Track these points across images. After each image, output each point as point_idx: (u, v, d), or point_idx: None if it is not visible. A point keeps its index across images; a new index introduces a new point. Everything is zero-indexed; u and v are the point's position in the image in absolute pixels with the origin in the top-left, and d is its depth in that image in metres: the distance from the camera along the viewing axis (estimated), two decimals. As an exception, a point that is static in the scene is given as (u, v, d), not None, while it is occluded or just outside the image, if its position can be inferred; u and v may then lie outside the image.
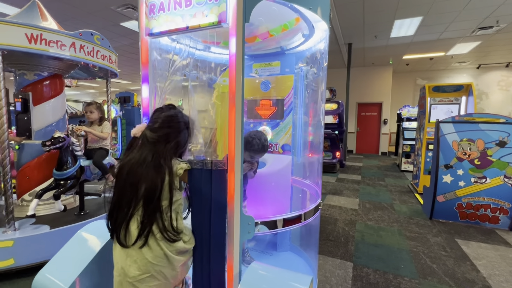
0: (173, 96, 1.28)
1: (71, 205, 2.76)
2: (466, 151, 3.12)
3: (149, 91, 1.21)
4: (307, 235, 1.78)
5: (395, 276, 2.16)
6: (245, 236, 1.05)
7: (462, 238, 2.86)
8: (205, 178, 1.05)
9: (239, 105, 1.00)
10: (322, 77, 1.60)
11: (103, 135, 2.65)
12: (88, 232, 1.31)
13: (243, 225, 1.04)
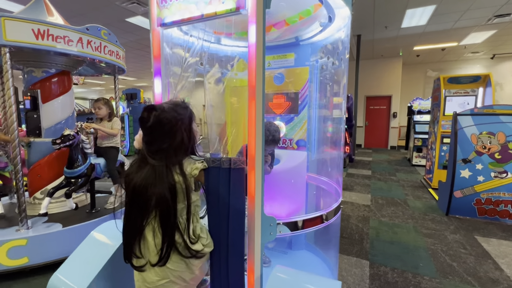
0: (187, 91, 1.21)
1: (83, 202, 2.75)
2: (486, 144, 2.99)
3: (161, 86, 1.14)
4: (325, 234, 1.72)
5: (414, 275, 2.08)
6: (267, 238, 0.99)
7: (482, 235, 2.76)
8: (223, 177, 0.99)
9: (260, 99, 0.93)
10: (343, 68, 1.50)
11: (113, 132, 2.61)
12: (102, 233, 1.27)
13: (264, 226, 0.98)
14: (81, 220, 2.32)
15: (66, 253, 2.16)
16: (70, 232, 2.18)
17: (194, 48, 1.32)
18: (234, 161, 0.98)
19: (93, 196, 2.58)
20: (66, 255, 2.14)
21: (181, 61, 1.15)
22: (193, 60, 1.19)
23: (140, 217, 0.90)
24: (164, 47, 1.19)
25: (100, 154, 2.59)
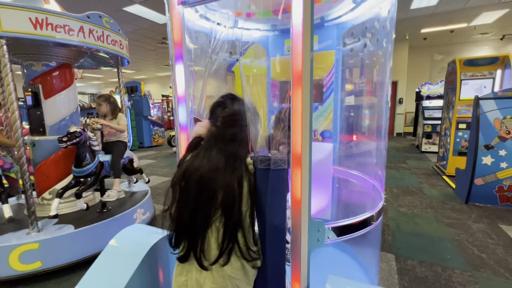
0: (217, 82, 1.08)
1: (92, 202, 2.65)
2: (510, 129, 2.86)
3: (185, 75, 1.00)
4: (367, 236, 1.61)
5: (443, 268, 2.00)
6: (315, 245, 0.88)
7: (506, 224, 2.67)
8: (263, 179, 0.87)
9: (307, 88, 0.80)
10: (385, 50, 1.35)
11: (121, 128, 2.49)
12: (122, 242, 1.16)
13: (311, 232, 0.87)
14: (93, 220, 2.22)
15: (80, 256, 2.09)
16: (83, 233, 2.09)
17: (216, 33, 1.18)
18: (275, 161, 0.85)
19: (103, 195, 2.47)
20: (79, 258, 2.08)
21: (209, 45, 1.01)
22: (220, 43, 1.05)
23: (204, 211, 0.81)
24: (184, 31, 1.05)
25: (108, 151, 2.47)
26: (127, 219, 2.42)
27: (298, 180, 0.84)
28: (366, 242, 1.30)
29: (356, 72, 1.69)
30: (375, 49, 1.39)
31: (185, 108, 1.02)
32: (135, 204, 2.58)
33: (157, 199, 3.69)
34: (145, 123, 8.46)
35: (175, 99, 1.03)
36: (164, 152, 7.65)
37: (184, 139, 1.05)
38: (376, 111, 1.47)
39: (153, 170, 5.42)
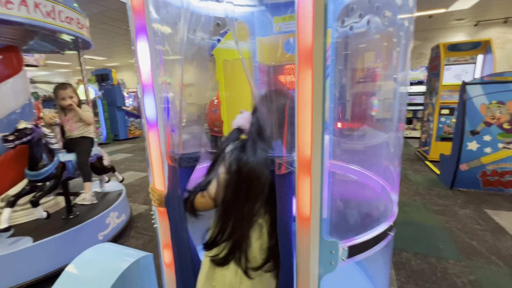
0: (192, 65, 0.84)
1: (54, 208, 2.32)
2: (495, 114, 2.86)
3: (150, 54, 0.75)
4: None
5: (438, 259, 1.95)
6: (327, 270, 0.70)
7: (491, 208, 2.71)
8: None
9: (319, 70, 0.59)
10: (402, 27, 1.16)
11: (89, 118, 2.16)
12: (82, 269, 0.92)
13: (323, 254, 0.69)
14: (57, 230, 1.92)
15: (41, 272, 1.80)
16: (44, 247, 1.80)
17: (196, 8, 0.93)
18: (280, 164, 0.65)
19: (69, 199, 2.16)
20: (41, 275, 1.80)
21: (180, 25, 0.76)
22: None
23: (250, 207, 0.73)
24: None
25: (71, 149, 2.14)
26: (98, 225, 2.15)
27: (307, 192, 0.64)
28: (377, 256, 1.15)
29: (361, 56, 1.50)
30: (383, 27, 1.19)
31: (153, 99, 0.77)
32: (108, 207, 2.29)
33: (134, 197, 3.40)
34: (119, 114, 7.89)
35: (139, 88, 0.78)
36: (142, 145, 7.21)
37: (153, 138, 0.81)
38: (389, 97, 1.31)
39: (129, 165, 5.04)
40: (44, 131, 1.87)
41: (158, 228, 0.90)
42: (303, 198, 0.65)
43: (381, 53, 1.40)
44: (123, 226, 2.47)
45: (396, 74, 1.18)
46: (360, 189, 1.38)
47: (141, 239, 2.38)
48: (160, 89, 0.78)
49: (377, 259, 1.23)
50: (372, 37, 1.28)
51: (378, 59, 1.47)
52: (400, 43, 1.12)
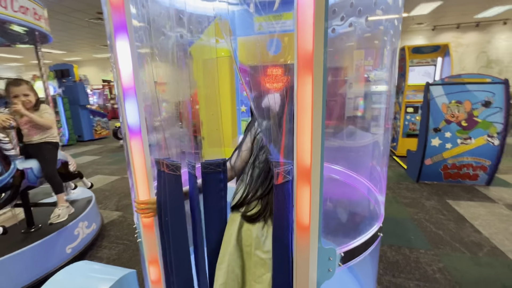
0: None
1: (11, 221, 2.08)
2: (454, 113, 3.12)
3: (131, 54, 0.68)
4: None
5: (410, 250, 2.09)
6: (324, 277, 0.70)
7: (452, 199, 2.96)
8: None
9: (319, 76, 0.57)
10: (388, 30, 1.19)
11: (47, 123, 1.93)
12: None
13: (321, 262, 0.68)
14: (16, 245, 1.72)
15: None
16: (2, 266, 1.59)
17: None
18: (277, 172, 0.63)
19: (29, 211, 1.94)
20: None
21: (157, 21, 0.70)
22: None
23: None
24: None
25: (29, 155, 1.92)
26: (66, 237, 1.96)
27: (307, 201, 0.63)
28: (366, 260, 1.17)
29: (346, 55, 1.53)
30: (365, 30, 1.22)
31: (135, 103, 0.70)
32: (76, 216, 2.10)
33: (105, 203, 3.17)
34: (83, 113, 7.32)
35: (119, 90, 0.70)
36: (110, 146, 6.77)
37: (136, 147, 0.74)
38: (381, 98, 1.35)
39: (97, 169, 4.70)
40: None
41: (142, 243, 0.83)
42: (302, 207, 0.64)
43: (365, 54, 1.44)
44: (94, 236, 2.29)
45: (375, 73, 1.22)
46: (346, 191, 1.41)
47: (115, 249, 2.22)
48: (142, 92, 0.71)
49: (366, 261, 1.27)
50: (355, 39, 1.31)
51: (362, 60, 1.51)
52: (384, 45, 1.16)
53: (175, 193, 0.73)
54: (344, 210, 1.23)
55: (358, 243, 0.78)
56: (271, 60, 1.53)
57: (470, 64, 9.43)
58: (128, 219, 2.74)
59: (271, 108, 0.94)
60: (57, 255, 1.89)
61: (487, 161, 3.14)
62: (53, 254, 1.86)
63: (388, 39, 1.17)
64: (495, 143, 3.05)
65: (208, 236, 0.78)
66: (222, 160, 0.75)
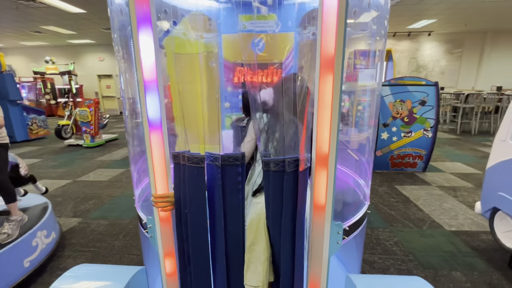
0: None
1: (-51, 235, 1.74)
2: (399, 110, 3.62)
3: (154, 46, 0.67)
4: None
5: (371, 229, 2.39)
6: (334, 249, 0.80)
7: (398, 184, 3.45)
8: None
9: (339, 77, 0.66)
10: (370, 34, 1.33)
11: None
12: None
13: (332, 236, 0.79)
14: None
15: None
16: None
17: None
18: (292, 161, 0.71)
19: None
20: None
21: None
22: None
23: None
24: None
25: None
26: (22, 250, 1.73)
27: (323, 183, 0.72)
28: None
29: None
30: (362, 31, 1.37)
31: (157, 96, 0.70)
32: (34, 225, 1.86)
33: (59, 210, 2.84)
34: (13, 110, 6.30)
35: (140, 84, 0.69)
36: (51, 147, 5.98)
37: (156, 140, 0.74)
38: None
39: (40, 173, 4.13)
40: None
41: (155, 238, 0.82)
42: (319, 189, 0.73)
43: (356, 53, 1.61)
44: (54, 246, 2.06)
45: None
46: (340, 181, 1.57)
47: (81, 257, 2.04)
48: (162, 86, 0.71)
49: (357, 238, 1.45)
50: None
51: (351, 59, 1.68)
52: (367, 47, 1.32)
53: (198, 186, 0.75)
54: (341, 196, 1.38)
55: (356, 219, 0.91)
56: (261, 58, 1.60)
57: (404, 68, 10.85)
58: (91, 225, 2.52)
59: (267, 102, 1.02)
60: (14, 269, 1.66)
61: (423, 151, 3.73)
62: (8, 268, 1.63)
63: (371, 43, 1.34)
64: (429, 135, 3.64)
65: (228, 227, 0.81)
66: (240, 154, 0.79)
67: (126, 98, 1.41)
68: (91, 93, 12.85)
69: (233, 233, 0.82)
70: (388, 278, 0.85)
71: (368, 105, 1.63)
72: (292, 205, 0.77)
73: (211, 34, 1.66)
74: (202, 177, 0.76)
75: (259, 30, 1.56)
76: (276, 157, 0.77)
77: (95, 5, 6.83)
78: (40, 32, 9.65)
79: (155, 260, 0.87)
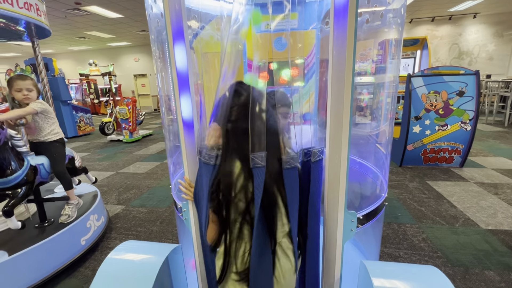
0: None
1: (23, 216, 2.10)
2: (433, 102, 3.43)
3: (187, 56, 0.79)
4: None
5: (398, 225, 2.35)
6: (348, 236, 0.87)
7: (431, 180, 3.29)
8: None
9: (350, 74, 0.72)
10: (392, 25, 1.35)
11: (27, 110, 1.79)
12: (118, 267, 0.93)
13: (346, 223, 0.85)
14: (32, 240, 1.77)
15: (21, 287, 1.67)
16: (23, 259, 1.65)
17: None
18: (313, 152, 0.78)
19: (42, 205, 1.98)
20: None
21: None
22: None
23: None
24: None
25: (39, 152, 1.94)
26: (79, 230, 2.02)
27: (337, 172, 0.79)
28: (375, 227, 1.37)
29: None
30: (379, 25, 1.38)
31: (189, 99, 0.82)
32: (87, 210, 2.16)
33: (105, 198, 3.21)
34: (65, 110, 7.06)
35: (175, 88, 0.82)
36: (97, 142, 6.62)
37: (188, 138, 0.86)
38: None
39: (88, 165, 4.63)
40: (10, 133, 1.67)
41: (189, 220, 0.96)
42: (334, 177, 0.80)
43: (368, 50, 1.61)
44: (104, 228, 2.36)
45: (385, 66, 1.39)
46: (357, 173, 1.61)
47: (126, 239, 2.31)
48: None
49: (369, 232, 1.48)
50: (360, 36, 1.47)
51: (365, 55, 1.68)
52: (386, 39, 1.33)
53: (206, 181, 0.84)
54: (358, 187, 1.42)
55: (371, 209, 0.96)
56: (277, 57, 1.67)
57: (443, 55, 10.02)
58: (133, 212, 2.82)
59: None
60: (73, 246, 1.96)
61: (460, 145, 3.50)
62: (69, 245, 1.93)
63: (391, 33, 1.34)
64: (467, 128, 3.40)
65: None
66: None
67: (163, 96, 1.56)
68: (128, 92, 13.83)
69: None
70: (400, 266, 0.89)
71: (383, 98, 1.62)
72: (306, 197, 0.84)
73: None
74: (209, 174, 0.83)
75: (281, 29, 1.62)
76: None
77: (131, 10, 7.32)
78: (84, 38, 10.59)
79: (189, 240, 1.00)
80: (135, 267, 0.91)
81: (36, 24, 1.85)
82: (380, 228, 1.50)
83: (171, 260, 0.96)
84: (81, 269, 1.93)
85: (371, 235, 1.45)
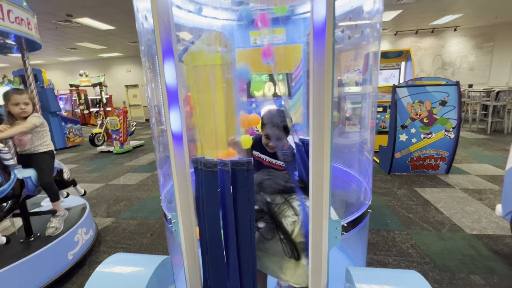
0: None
1: (8, 230, 2.05)
2: (418, 111, 3.56)
3: (176, 72, 0.83)
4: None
5: (387, 232, 2.40)
6: (333, 243, 0.90)
7: (419, 187, 3.38)
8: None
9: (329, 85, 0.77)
10: (368, 39, 1.42)
11: (28, 126, 1.84)
12: (106, 280, 0.93)
13: (331, 231, 0.88)
14: (17, 255, 1.72)
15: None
16: (6, 277, 1.60)
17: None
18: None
19: (28, 219, 1.94)
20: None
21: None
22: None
23: None
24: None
25: (26, 164, 1.92)
26: (66, 244, 1.98)
27: (321, 180, 0.83)
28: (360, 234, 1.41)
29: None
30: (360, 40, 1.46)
31: (178, 113, 0.86)
32: (75, 224, 2.12)
33: (94, 211, 3.15)
34: (54, 121, 6.95)
35: (164, 102, 0.85)
36: (87, 153, 6.52)
37: (178, 150, 0.89)
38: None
39: (76, 177, 4.55)
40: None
41: (179, 231, 0.97)
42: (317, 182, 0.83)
43: (351, 62, 1.69)
44: (92, 242, 2.31)
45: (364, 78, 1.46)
46: (341, 181, 1.65)
47: (115, 253, 2.25)
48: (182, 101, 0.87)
49: (360, 235, 1.51)
50: (346, 49, 1.55)
51: (350, 67, 1.76)
52: (368, 53, 1.40)
53: (212, 187, 0.89)
54: (343, 194, 1.46)
55: (354, 216, 0.99)
56: (267, 70, 1.73)
57: (428, 66, 10.43)
58: (123, 224, 2.77)
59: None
60: (60, 262, 1.91)
61: (445, 152, 3.62)
62: (56, 260, 1.88)
63: (371, 47, 1.42)
64: (451, 136, 3.53)
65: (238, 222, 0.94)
66: (246, 160, 0.92)
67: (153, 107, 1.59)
68: (119, 102, 13.73)
69: (243, 227, 0.95)
70: (383, 271, 0.92)
71: (363, 108, 1.70)
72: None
73: (226, 48, 1.83)
74: (216, 179, 0.89)
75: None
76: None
77: (123, 22, 7.38)
78: (75, 49, 10.56)
79: (178, 251, 1.01)
80: (123, 280, 0.91)
81: (27, 38, 1.86)
82: (366, 234, 1.54)
83: (160, 272, 0.97)
84: (68, 285, 1.88)
85: (358, 242, 1.49)
